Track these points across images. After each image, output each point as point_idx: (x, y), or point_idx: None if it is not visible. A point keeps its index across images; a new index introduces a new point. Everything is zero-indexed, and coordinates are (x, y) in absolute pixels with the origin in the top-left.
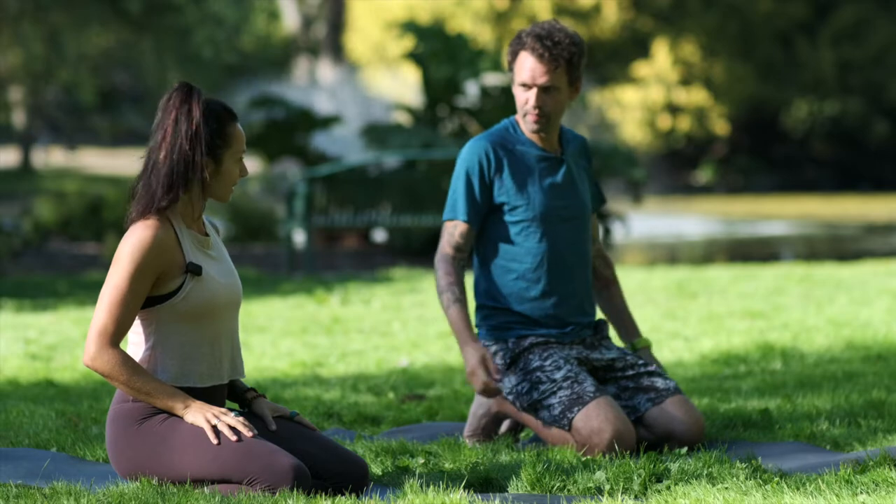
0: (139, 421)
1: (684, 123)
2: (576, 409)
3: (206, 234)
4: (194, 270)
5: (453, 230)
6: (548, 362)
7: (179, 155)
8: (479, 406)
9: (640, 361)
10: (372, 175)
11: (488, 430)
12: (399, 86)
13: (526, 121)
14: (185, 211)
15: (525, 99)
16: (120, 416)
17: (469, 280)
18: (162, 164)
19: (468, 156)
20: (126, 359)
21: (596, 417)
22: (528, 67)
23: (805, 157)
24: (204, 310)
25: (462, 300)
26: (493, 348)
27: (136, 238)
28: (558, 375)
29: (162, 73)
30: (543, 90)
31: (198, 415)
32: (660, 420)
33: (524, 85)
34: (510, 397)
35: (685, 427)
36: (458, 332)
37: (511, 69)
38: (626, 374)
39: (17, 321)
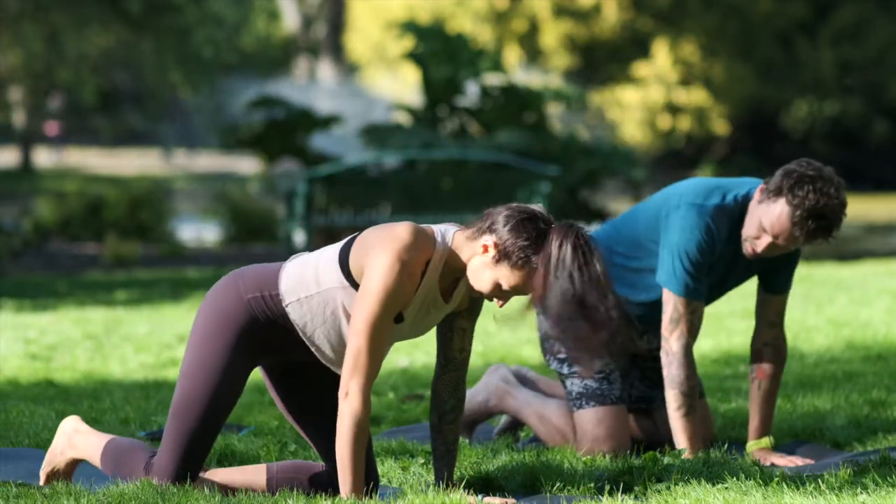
0: (234, 321)
1: (684, 123)
2: (592, 402)
3: (447, 302)
4: (396, 319)
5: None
6: None
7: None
8: (475, 394)
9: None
10: (372, 175)
11: (473, 422)
12: (399, 86)
13: (744, 245)
14: (451, 262)
15: (757, 241)
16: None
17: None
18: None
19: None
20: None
21: (605, 426)
22: (786, 228)
23: (805, 157)
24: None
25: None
26: None
27: (392, 270)
28: (596, 364)
29: (162, 73)
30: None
31: None
32: (667, 425)
33: (766, 231)
34: (545, 346)
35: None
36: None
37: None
38: (657, 367)
39: (17, 321)
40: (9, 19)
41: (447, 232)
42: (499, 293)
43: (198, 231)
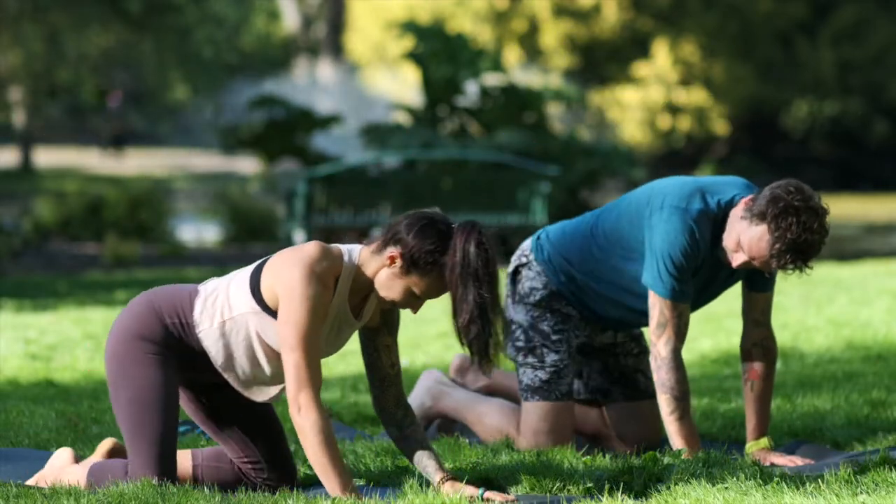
0: (141, 349)
1: (684, 123)
2: (537, 397)
3: (358, 319)
4: None
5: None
6: (554, 336)
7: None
8: (413, 399)
9: (636, 351)
10: (372, 175)
11: None
12: (399, 86)
13: (724, 258)
14: (358, 279)
15: (734, 255)
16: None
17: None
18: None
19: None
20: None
21: (548, 421)
22: (767, 260)
23: (805, 156)
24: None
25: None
26: (534, 273)
27: (308, 284)
28: (549, 359)
29: (162, 73)
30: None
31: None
32: (624, 427)
33: (742, 250)
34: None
35: (635, 437)
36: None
37: (756, 215)
38: (619, 362)
39: (17, 321)
40: (9, 19)
41: (353, 250)
42: (411, 300)
43: (198, 231)
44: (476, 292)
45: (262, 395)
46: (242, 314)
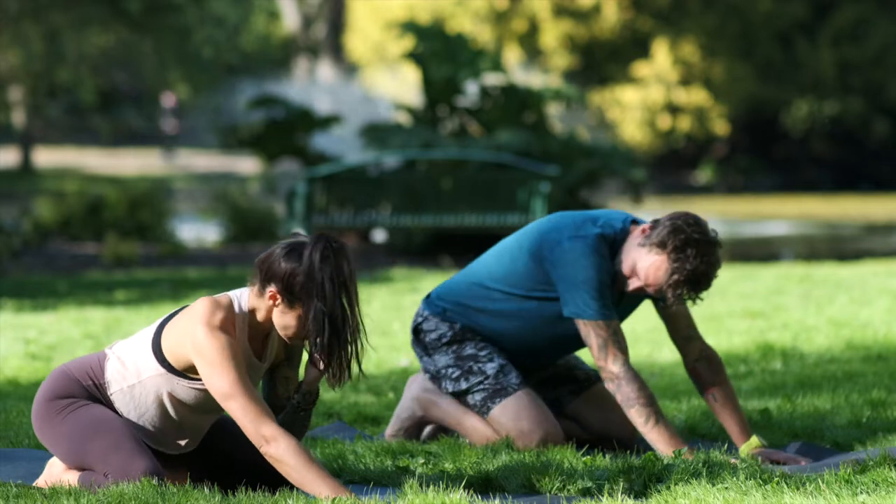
0: (63, 409)
1: (684, 123)
2: (497, 399)
3: (262, 361)
4: None
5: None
6: (483, 352)
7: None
8: (403, 409)
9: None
10: (372, 175)
11: (410, 433)
12: (399, 86)
13: (624, 283)
14: (252, 323)
15: (628, 281)
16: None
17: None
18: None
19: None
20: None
21: (524, 417)
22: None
23: (805, 157)
24: (200, 406)
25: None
26: (434, 323)
27: (214, 337)
28: (489, 368)
29: (162, 73)
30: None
31: None
32: (592, 419)
33: (637, 276)
34: (439, 377)
35: (620, 424)
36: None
37: (663, 245)
38: (546, 370)
39: (17, 321)
40: (9, 19)
41: (241, 296)
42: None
43: (198, 231)
44: (319, 303)
45: (174, 448)
46: (151, 377)
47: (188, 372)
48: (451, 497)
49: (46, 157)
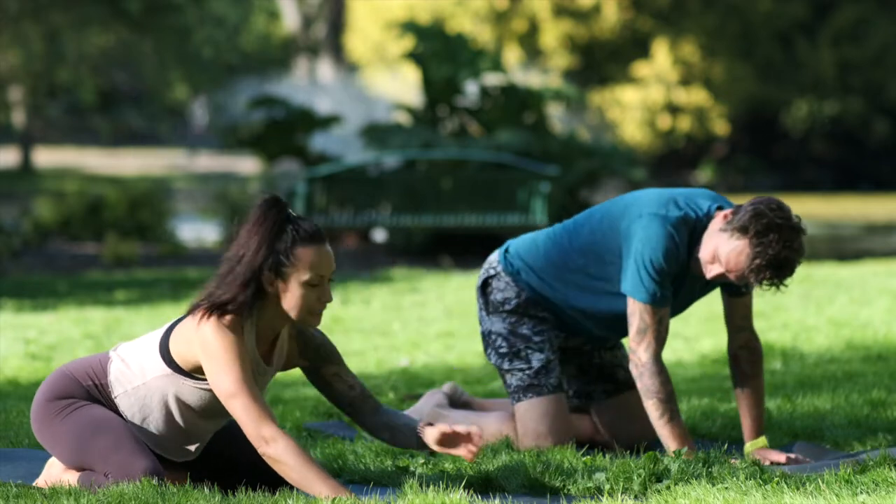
0: (61, 410)
1: (684, 123)
2: (530, 394)
3: (269, 364)
4: None
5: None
6: (536, 338)
7: (246, 266)
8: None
9: (610, 345)
10: (372, 175)
11: None
12: (399, 86)
13: (695, 269)
14: (259, 325)
15: (710, 267)
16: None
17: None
18: (232, 270)
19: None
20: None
21: (546, 421)
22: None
23: (805, 156)
24: (205, 409)
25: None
26: (504, 283)
27: (222, 335)
28: (535, 360)
29: (162, 73)
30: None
31: None
32: (614, 424)
33: (719, 262)
34: (488, 341)
35: (639, 436)
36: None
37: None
38: (593, 360)
39: (17, 321)
40: (9, 19)
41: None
42: (311, 298)
43: (198, 231)
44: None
45: (179, 454)
46: (156, 378)
47: (195, 372)
48: (451, 497)
49: (46, 157)
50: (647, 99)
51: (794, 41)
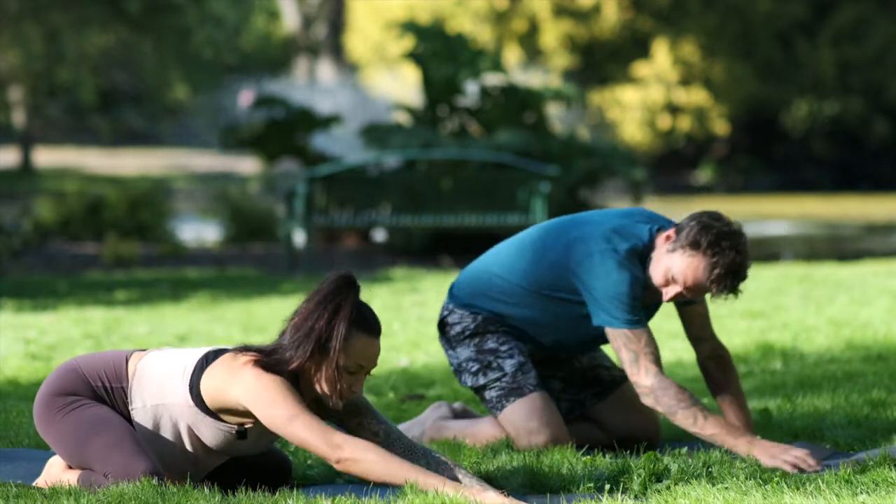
0: (63, 407)
1: (684, 123)
2: (512, 398)
3: None
4: (241, 434)
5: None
6: (503, 348)
7: (315, 340)
8: (409, 428)
9: (586, 355)
10: (372, 175)
11: None
12: (399, 86)
13: (658, 294)
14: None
15: (665, 290)
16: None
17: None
18: (304, 338)
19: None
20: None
21: (535, 417)
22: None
23: (805, 157)
24: (217, 447)
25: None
26: (459, 316)
27: (266, 376)
28: (508, 365)
29: (162, 73)
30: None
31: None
32: (616, 422)
33: (675, 282)
34: (460, 371)
35: (643, 427)
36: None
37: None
38: (573, 367)
39: (17, 321)
40: (9, 19)
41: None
42: (346, 382)
43: (198, 231)
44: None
45: (178, 474)
46: (175, 404)
47: (220, 412)
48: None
49: (46, 157)
50: (647, 99)
51: (794, 41)
